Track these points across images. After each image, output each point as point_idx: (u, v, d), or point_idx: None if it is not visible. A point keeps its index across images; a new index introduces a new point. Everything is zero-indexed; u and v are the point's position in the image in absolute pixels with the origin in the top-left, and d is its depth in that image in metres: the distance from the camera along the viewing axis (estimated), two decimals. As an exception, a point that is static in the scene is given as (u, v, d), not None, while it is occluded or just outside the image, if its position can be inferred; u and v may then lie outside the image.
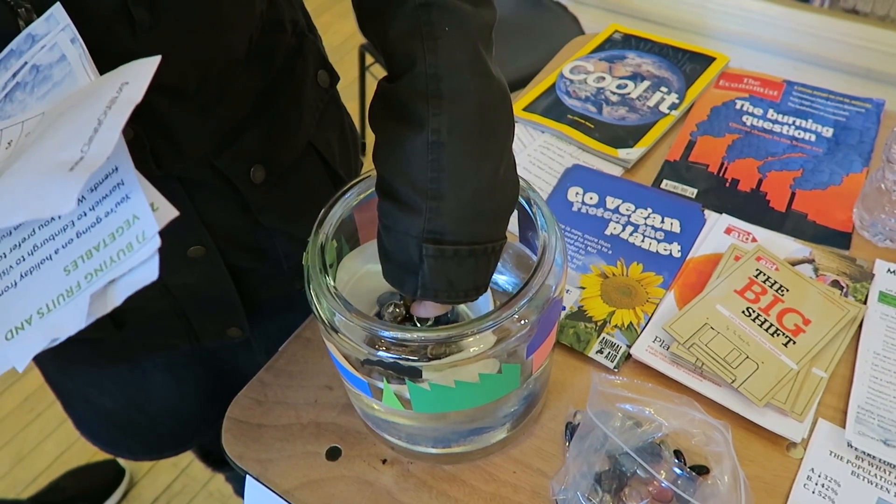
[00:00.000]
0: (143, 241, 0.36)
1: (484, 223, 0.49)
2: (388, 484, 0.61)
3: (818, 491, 0.59)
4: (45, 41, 0.43)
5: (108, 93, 0.38)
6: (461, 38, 0.47)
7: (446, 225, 0.47)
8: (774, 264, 0.73)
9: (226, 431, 0.66)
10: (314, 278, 0.52)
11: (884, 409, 0.62)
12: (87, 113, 0.37)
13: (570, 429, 0.62)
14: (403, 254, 0.49)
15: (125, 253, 0.36)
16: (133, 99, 0.37)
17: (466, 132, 0.47)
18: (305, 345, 0.72)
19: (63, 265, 0.38)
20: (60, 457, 1.56)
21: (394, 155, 0.49)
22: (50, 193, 0.35)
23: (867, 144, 0.87)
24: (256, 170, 0.63)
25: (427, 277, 0.48)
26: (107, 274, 0.36)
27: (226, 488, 1.47)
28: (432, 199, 0.47)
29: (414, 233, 0.48)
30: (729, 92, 0.96)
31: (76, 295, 0.37)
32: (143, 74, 0.38)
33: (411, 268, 0.49)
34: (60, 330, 0.36)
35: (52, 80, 0.42)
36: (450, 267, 0.48)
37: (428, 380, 0.50)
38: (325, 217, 0.55)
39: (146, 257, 0.35)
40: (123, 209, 0.37)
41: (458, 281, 0.49)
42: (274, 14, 0.63)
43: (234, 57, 0.58)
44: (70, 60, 0.42)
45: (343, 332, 0.50)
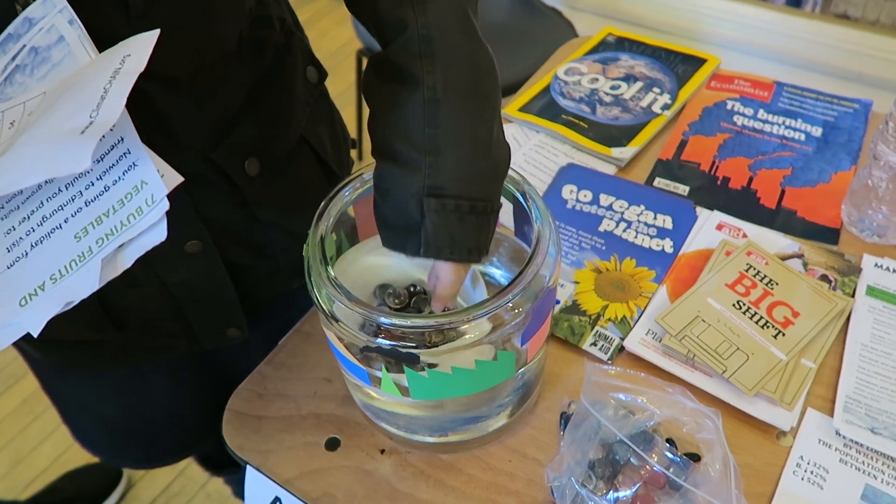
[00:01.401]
0: (152, 205, 0.37)
1: (482, 182, 0.50)
2: (387, 473, 0.62)
3: (807, 478, 0.60)
4: (42, 23, 0.44)
5: (112, 65, 0.39)
6: (450, 2, 0.49)
7: (447, 180, 0.49)
8: (764, 259, 0.74)
9: (226, 423, 0.67)
10: (314, 269, 0.53)
11: (871, 398, 0.64)
12: (93, 84, 0.39)
13: (565, 418, 0.63)
14: (404, 215, 0.50)
15: (135, 217, 0.37)
16: (136, 69, 0.38)
17: (461, 91, 0.49)
18: (305, 338, 0.73)
19: (73, 232, 0.39)
20: (59, 458, 1.56)
21: (391, 117, 0.51)
22: (65, 155, 0.36)
23: (855, 143, 0.88)
24: (251, 163, 0.64)
25: (430, 233, 0.49)
26: (118, 238, 0.38)
27: (224, 490, 1.47)
28: (431, 154, 0.49)
29: (414, 190, 0.49)
30: (720, 93, 0.97)
31: (88, 259, 0.38)
32: (144, 47, 0.40)
33: (412, 227, 0.50)
34: (74, 293, 0.38)
35: (51, 62, 0.44)
36: (452, 222, 0.49)
37: (426, 365, 0.51)
38: (325, 210, 0.57)
39: (155, 220, 0.37)
40: (131, 176, 0.39)
41: (461, 237, 0.50)
42: (262, 11, 0.65)
43: (225, 49, 0.60)
44: (69, 41, 0.43)
45: (342, 320, 0.51)
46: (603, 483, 0.57)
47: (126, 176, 0.39)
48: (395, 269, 0.62)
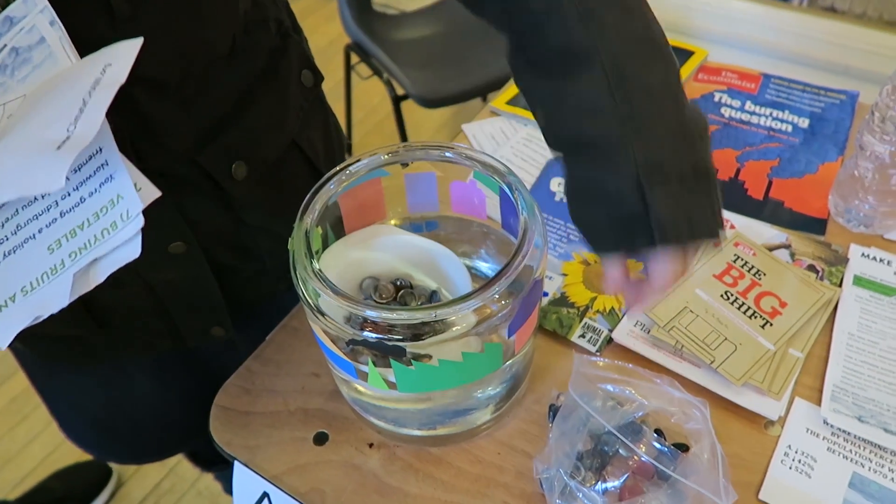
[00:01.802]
0: (126, 220, 0.36)
1: (694, 142, 0.44)
2: (375, 467, 0.62)
3: (795, 467, 0.60)
4: (23, 23, 0.43)
5: (92, 74, 0.38)
6: None
7: (659, 148, 0.42)
8: (752, 250, 0.74)
9: (214, 419, 0.66)
10: (300, 262, 0.52)
11: (858, 387, 0.64)
12: (71, 93, 0.38)
13: (553, 410, 0.63)
14: (621, 205, 0.44)
15: (109, 231, 0.37)
16: (117, 80, 0.38)
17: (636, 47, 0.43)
18: (293, 334, 0.72)
19: (47, 244, 0.38)
20: (47, 458, 1.55)
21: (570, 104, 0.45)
22: (38, 172, 0.36)
23: (842, 134, 0.89)
24: (238, 167, 0.63)
25: (663, 220, 0.43)
26: (91, 252, 0.37)
27: (215, 486, 1.47)
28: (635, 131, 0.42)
29: (628, 172, 0.42)
30: (708, 85, 0.98)
31: (60, 273, 0.37)
32: (126, 56, 0.39)
33: (637, 217, 0.43)
34: (44, 307, 0.37)
35: (32, 63, 0.43)
36: (681, 195, 0.43)
37: (412, 358, 0.51)
38: (310, 203, 0.56)
39: (130, 236, 0.36)
40: (108, 189, 0.38)
41: (696, 211, 0.43)
42: (258, 14, 0.64)
43: (216, 53, 0.59)
44: (49, 43, 0.42)
45: (328, 313, 0.51)
46: (591, 474, 0.57)
47: (102, 188, 0.38)
48: (380, 263, 0.62)
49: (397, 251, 0.61)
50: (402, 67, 1.68)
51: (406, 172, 0.62)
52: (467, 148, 0.59)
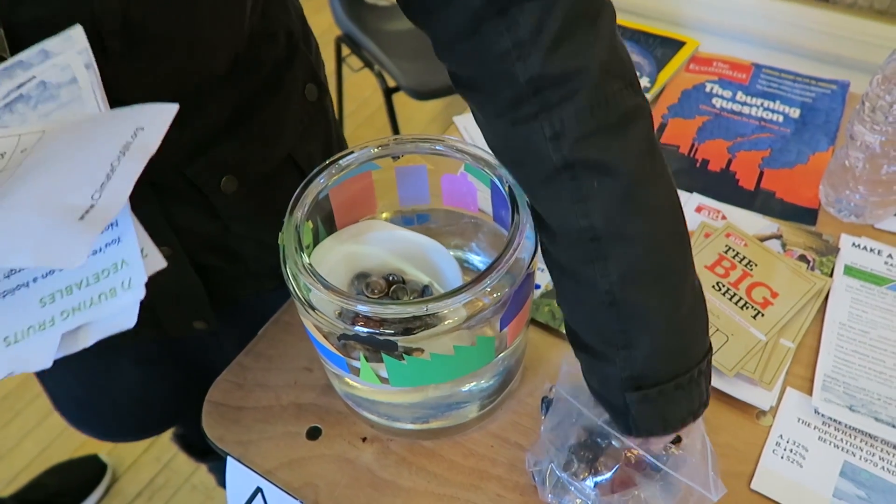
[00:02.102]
0: (127, 289, 0.34)
1: (681, 356, 0.48)
2: (369, 461, 0.62)
3: (787, 456, 0.60)
4: (57, 60, 0.42)
5: (122, 135, 0.36)
6: (611, 190, 0.44)
7: (643, 370, 0.47)
8: (743, 240, 0.74)
9: (206, 415, 0.66)
10: (290, 257, 0.52)
11: (849, 376, 0.64)
12: (99, 154, 0.36)
13: (546, 402, 0.63)
14: (608, 396, 0.50)
15: (107, 297, 0.34)
16: (148, 149, 0.35)
17: (641, 283, 0.45)
18: (284, 328, 0.72)
19: (40, 296, 0.36)
20: (41, 454, 1.55)
21: (576, 310, 0.49)
22: (58, 242, 0.33)
23: (833, 124, 0.89)
24: (228, 180, 0.62)
25: (638, 420, 0.48)
26: (84, 314, 0.34)
27: (209, 480, 1.47)
28: (623, 348, 0.46)
29: (613, 381, 0.48)
30: (699, 75, 0.97)
31: (48, 330, 0.35)
32: (160, 122, 0.37)
33: (619, 410, 0.49)
34: (25, 364, 0.34)
35: (58, 100, 0.41)
36: (659, 406, 0.48)
37: (404, 352, 0.51)
38: (300, 197, 0.56)
39: (127, 305, 0.34)
40: (113, 251, 0.35)
41: (671, 415, 0.49)
42: (266, 26, 0.62)
43: (214, 73, 0.57)
44: (81, 85, 0.41)
45: (319, 308, 0.50)
46: (584, 466, 0.57)
47: (108, 249, 0.35)
48: (372, 257, 0.61)
49: (388, 246, 0.61)
50: (393, 59, 1.67)
51: (397, 166, 0.61)
52: (458, 141, 0.59)
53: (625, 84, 0.44)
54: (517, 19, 0.42)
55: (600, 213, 0.44)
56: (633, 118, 0.44)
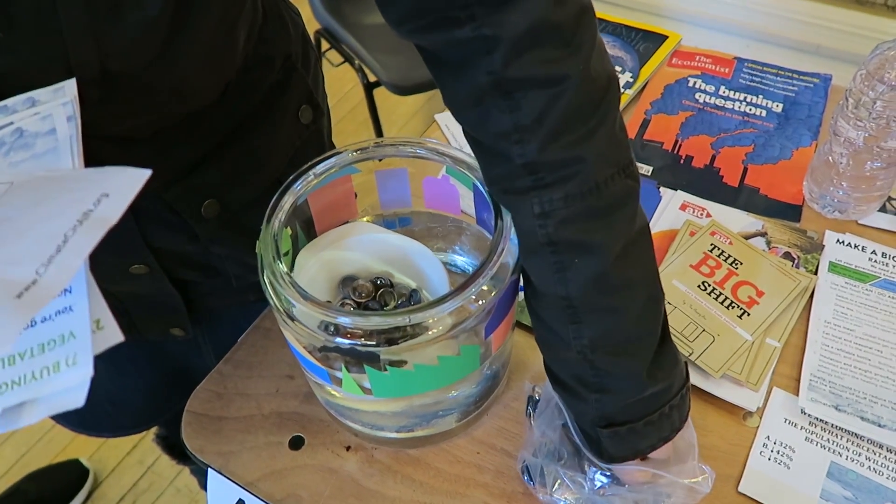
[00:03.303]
0: (71, 366, 0.31)
1: (653, 400, 0.50)
2: (353, 470, 0.61)
3: (774, 458, 0.60)
4: (41, 108, 0.40)
5: (84, 200, 0.33)
6: (589, 268, 0.45)
7: (613, 411, 0.49)
8: (728, 238, 0.74)
9: (186, 425, 0.65)
10: (268, 267, 0.51)
11: (835, 375, 0.64)
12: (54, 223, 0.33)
13: (532, 402, 0.62)
14: (582, 426, 0.52)
15: (50, 372, 0.31)
16: (108, 220, 0.33)
17: (612, 349, 0.47)
18: (265, 335, 0.71)
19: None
20: (20, 460, 1.52)
21: (552, 356, 0.51)
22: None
23: (815, 119, 0.88)
24: (210, 205, 0.60)
25: (610, 451, 0.51)
26: (24, 391, 0.31)
27: (193, 483, 1.45)
28: (596, 391, 0.49)
29: (586, 417, 0.50)
30: (682, 70, 0.97)
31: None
32: (127, 190, 0.34)
33: (591, 440, 0.52)
34: None
35: (32, 150, 0.39)
36: (629, 439, 0.50)
37: (387, 364, 0.49)
38: (278, 204, 0.54)
39: (74, 384, 0.31)
40: (63, 321, 0.32)
41: (642, 445, 0.50)
42: (263, 50, 0.60)
43: (201, 106, 0.55)
44: (59, 137, 0.39)
45: (299, 319, 0.49)
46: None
47: (57, 318, 0.32)
48: (358, 262, 0.60)
49: (374, 250, 0.60)
50: (373, 53, 1.65)
51: (377, 169, 0.60)
52: (439, 143, 0.58)
53: (618, 169, 0.45)
54: (520, 104, 0.42)
55: (577, 286, 0.46)
56: (621, 203, 0.45)
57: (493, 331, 0.53)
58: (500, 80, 0.41)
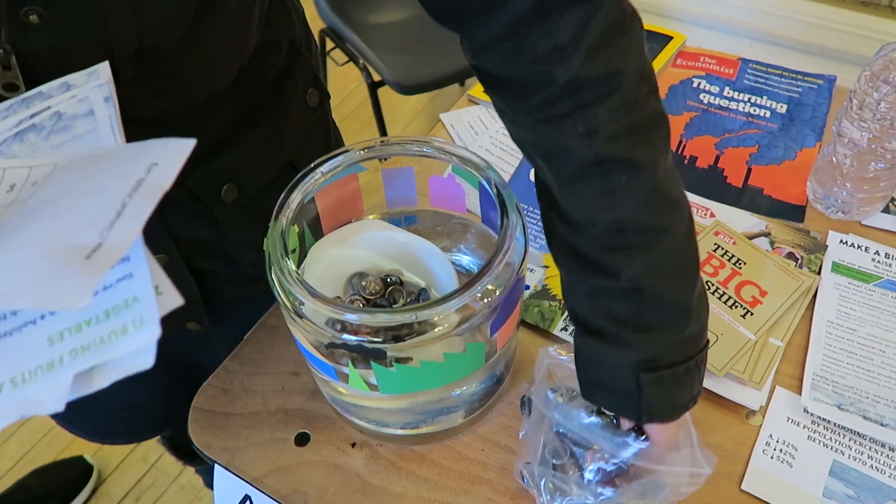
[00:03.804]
0: (139, 327, 0.32)
1: (693, 341, 0.49)
2: (358, 467, 0.61)
3: (776, 456, 0.60)
4: (76, 91, 0.41)
5: (135, 171, 0.35)
6: (639, 186, 0.45)
7: (659, 352, 0.48)
8: (732, 238, 0.74)
9: (192, 422, 0.65)
10: (276, 263, 0.51)
11: (837, 375, 0.64)
12: (110, 191, 0.34)
13: (528, 403, 0.62)
14: (617, 383, 0.50)
15: (118, 336, 0.32)
16: (162, 186, 0.34)
17: (665, 271, 0.47)
18: (271, 332, 0.71)
19: (48, 334, 0.34)
20: (25, 456, 1.53)
21: (591, 297, 0.49)
22: (61, 283, 0.31)
23: (820, 119, 0.89)
24: (229, 189, 0.61)
25: (651, 403, 0.49)
26: (95, 354, 0.33)
27: (197, 480, 1.46)
28: (640, 331, 0.48)
29: (627, 365, 0.48)
30: (686, 70, 0.97)
31: (57, 370, 0.33)
32: (175, 158, 0.36)
33: (629, 396, 0.50)
34: (36, 406, 0.33)
35: (72, 132, 0.40)
36: (671, 388, 0.49)
37: (393, 360, 0.50)
38: (285, 202, 0.55)
39: (142, 345, 0.32)
40: (124, 287, 0.33)
41: (679, 398, 0.50)
42: (269, 35, 0.62)
43: (219, 89, 0.57)
44: (98, 117, 0.40)
45: (307, 316, 0.50)
46: (573, 465, 0.57)
47: (118, 285, 0.33)
48: (367, 259, 0.61)
49: (385, 247, 0.60)
50: (377, 53, 1.65)
51: (383, 168, 0.60)
52: (445, 142, 0.58)
53: (651, 90, 0.46)
54: (558, 24, 0.43)
55: (628, 207, 0.46)
56: (658, 121, 0.47)
57: (498, 328, 0.53)
58: (537, 4, 0.42)
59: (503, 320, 0.53)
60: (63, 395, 0.32)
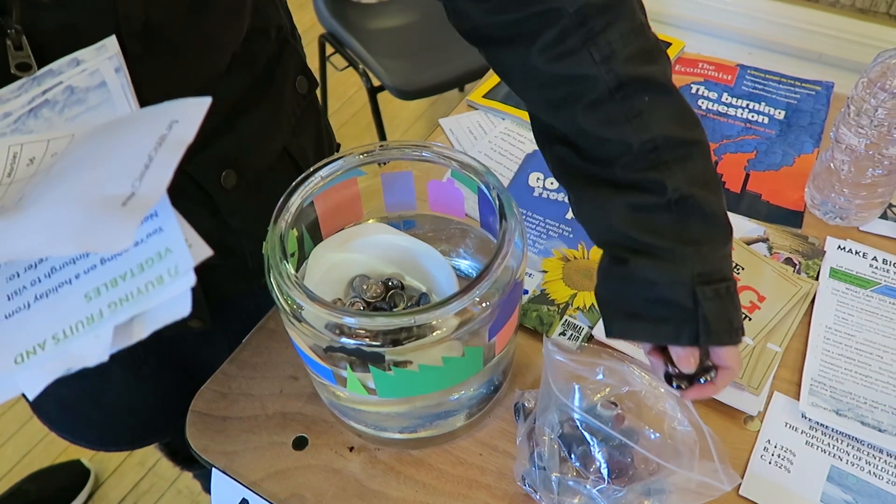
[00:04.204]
0: (174, 276, 0.33)
1: (728, 257, 0.51)
2: (356, 471, 0.61)
3: (775, 462, 0.60)
4: (86, 66, 0.42)
5: (157, 129, 0.36)
6: (662, 100, 0.47)
7: (713, 264, 0.49)
8: (730, 244, 0.74)
9: (190, 425, 0.65)
10: (274, 267, 0.51)
11: (835, 380, 0.64)
12: (135, 147, 0.35)
13: (522, 410, 0.62)
14: (670, 306, 0.49)
15: (154, 286, 0.34)
16: (184, 140, 0.35)
17: (701, 181, 0.48)
18: (269, 335, 0.71)
19: (84, 291, 0.35)
20: (22, 460, 1.52)
21: (634, 211, 0.49)
22: (104, 228, 0.33)
23: (817, 126, 0.89)
24: (228, 175, 0.63)
25: (710, 321, 0.48)
26: (133, 305, 0.34)
27: (194, 485, 1.45)
28: (692, 243, 0.48)
29: (684, 280, 0.48)
30: (685, 77, 0.97)
31: (97, 323, 0.34)
32: (193, 114, 0.37)
33: (684, 316, 0.49)
34: (80, 360, 0.34)
35: (85, 104, 0.41)
36: (726, 304, 0.49)
37: (391, 364, 0.50)
38: (284, 206, 0.55)
39: (178, 293, 0.33)
40: (155, 241, 0.35)
41: (735, 317, 0.50)
42: (258, 22, 0.63)
43: (216, 72, 0.58)
44: (110, 88, 0.41)
45: (305, 319, 0.50)
46: (574, 468, 0.56)
47: (149, 239, 0.35)
48: (367, 263, 0.61)
49: (385, 251, 0.60)
50: (377, 58, 1.66)
51: (382, 172, 0.61)
52: (444, 147, 0.59)
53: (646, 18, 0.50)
54: None
55: (658, 123, 0.47)
56: (661, 45, 0.50)
57: (496, 333, 0.53)
58: None
59: (501, 324, 0.53)
60: (105, 347, 0.34)
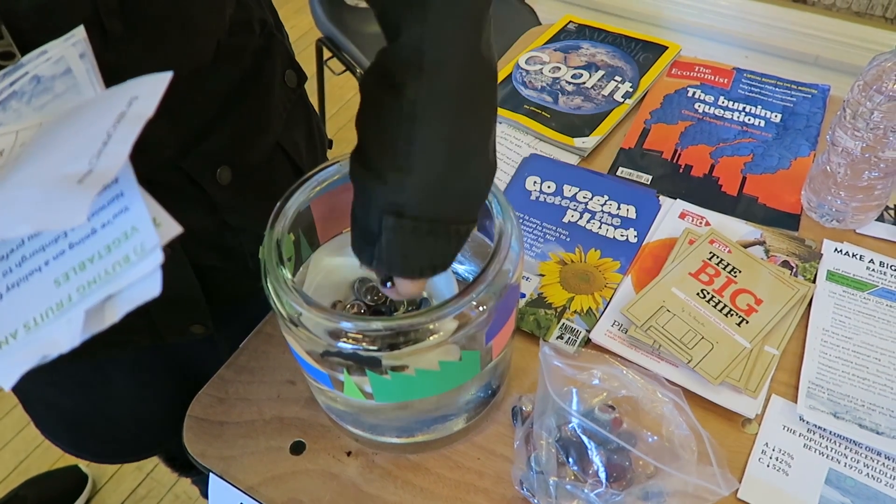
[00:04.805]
0: (141, 255, 0.33)
1: (450, 203, 0.48)
2: (354, 475, 0.61)
3: (772, 465, 0.60)
4: (51, 54, 0.41)
5: (117, 106, 0.36)
6: (452, 11, 0.45)
7: (409, 199, 0.46)
8: (727, 247, 0.74)
9: (187, 430, 0.65)
10: (271, 272, 0.51)
11: (833, 383, 0.64)
12: (94, 126, 0.35)
13: (520, 414, 0.62)
14: (366, 222, 0.48)
15: (121, 266, 0.34)
16: (143, 115, 0.35)
17: (444, 109, 0.46)
18: (267, 340, 0.71)
19: (53, 277, 0.35)
20: (19, 465, 1.52)
21: (371, 120, 0.48)
22: (58, 206, 0.33)
23: (814, 129, 0.89)
24: (223, 171, 0.63)
25: (383, 249, 0.47)
26: (102, 287, 0.34)
27: (192, 490, 1.45)
28: (399, 171, 0.46)
29: (377, 203, 0.47)
30: (681, 80, 0.98)
31: (67, 308, 0.34)
32: (153, 90, 0.37)
33: (369, 238, 0.48)
34: (52, 346, 0.34)
35: (52, 92, 0.41)
36: (407, 242, 0.47)
37: (388, 369, 0.50)
38: (281, 210, 0.55)
39: (146, 272, 0.33)
40: (121, 221, 0.35)
41: (413, 257, 0.48)
42: (242, 15, 0.63)
43: (201, 62, 0.58)
44: (76, 74, 0.41)
45: (302, 324, 0.50)
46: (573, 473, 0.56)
47: (116, 220, 0.35)
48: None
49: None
50: (374, 62, 1.66)
51: (379, 176, 0.60)
52: (441, 151, 0.58)
53: None
54: None
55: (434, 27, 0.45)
56: None
57: (493, 336, 0.53)
58: None
59: (498, 328, 0.53)
60: (77, 331, 0.34)
